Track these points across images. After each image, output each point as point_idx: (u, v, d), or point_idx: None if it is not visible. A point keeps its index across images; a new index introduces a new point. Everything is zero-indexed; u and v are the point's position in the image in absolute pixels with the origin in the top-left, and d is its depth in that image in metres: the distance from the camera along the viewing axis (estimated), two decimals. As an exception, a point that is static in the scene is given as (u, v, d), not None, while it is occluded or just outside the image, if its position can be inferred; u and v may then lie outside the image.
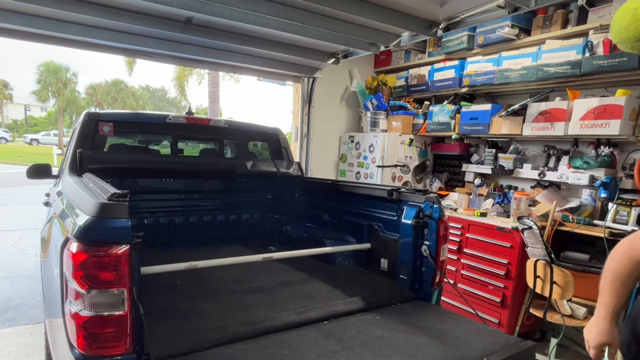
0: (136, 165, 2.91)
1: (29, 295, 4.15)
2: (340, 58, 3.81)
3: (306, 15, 2.75)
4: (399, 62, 5.03)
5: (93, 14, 2.66)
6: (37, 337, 3.20)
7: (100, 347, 1.29)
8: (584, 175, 3.17)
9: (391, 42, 3.24)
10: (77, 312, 1.26)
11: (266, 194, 3.74)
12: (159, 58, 3.68)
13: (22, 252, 5.76)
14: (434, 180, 4.74)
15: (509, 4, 2.38)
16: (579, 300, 2.91)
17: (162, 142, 3.95)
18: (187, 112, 3.31)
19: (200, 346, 1.59)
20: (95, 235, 1.25)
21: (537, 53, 3.41)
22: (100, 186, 1.69)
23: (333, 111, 5.14)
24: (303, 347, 1.62)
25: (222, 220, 3.48)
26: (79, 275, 1.24)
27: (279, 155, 3.62)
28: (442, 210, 2.20)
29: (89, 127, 2.81)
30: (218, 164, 3.36)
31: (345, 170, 5.11)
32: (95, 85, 32.78)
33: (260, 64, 3.80)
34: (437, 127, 4.33)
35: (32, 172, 3.35)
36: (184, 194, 3.36)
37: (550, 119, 3.32)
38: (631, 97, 2.92)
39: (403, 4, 2.68)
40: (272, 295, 2.21)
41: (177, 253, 2.79)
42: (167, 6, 2.50)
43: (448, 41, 4.22)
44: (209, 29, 3.06)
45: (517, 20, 3.59)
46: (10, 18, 2.74)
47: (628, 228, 2.81)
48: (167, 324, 1.76)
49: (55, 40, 3.14)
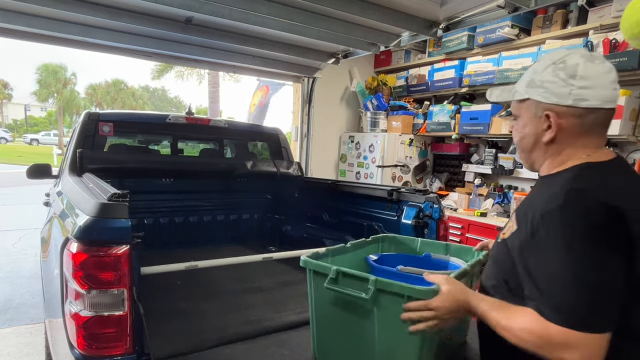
0: (136, 165, 2.91)
1: (29, 295, 4.15)
2: (340, 58, 3.81)
3: (306, 15, 2.75)
4: (399, 62, 5.03)
5: (93, 14, 2.65)
6: (37, 337, 3.20)
7: (100, 347, 1.29)
8: (584, 175, 3.17)
9: (391, 42, 3.24)
10: (77, 312, 1.26)
11: (266, 194, 3.74)
12: (159, 58, 3.68)
13: (22, 252, 5.76)
14: (434, 180, 4.74)
15: (509, 4, 2.38)
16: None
17: (162, 142, 3.95)
18: (187, 112, 3.31)
19: (200, 346, 1.59)
20: (95, 235, 1.25)
21: (537, 53, 3.41)
22: (100, 186, 1.69)
23: (333, 111, 5.14)
24: (303, 347, 1.62)
25: (222, 220, 3.48)
26: (79, 275, 1.24)
27: (279, 156, 3.62)
28: (442, 210, 2.20)
29: (89, 127, 2.81)
30: (218, 164, 3.36)
31: (345, 170, 5.11)
32: (95, 85, 32.79)
33: (260, 64, 3.80)
34: (437, 127, 4.33)
35: (32, 172, 3.35)
36: (184, 194, 3.36)
37: (550, 119, 3.32)
38: (631, 97, 2.92)
39: (403, 4, 2.68)
40: (272, 295, 2.21)
41: (177, 253, 2.79)
42: (167, 6, 2.50)
43: (448, 41, 4.22)
44: (209, 29, 3.05)
45: (517, 20, 3.59)
46: (10, 18, 2.74)
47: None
48: (167, 324, 1.76)
49: (55, 40, 3.14)
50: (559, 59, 1.04)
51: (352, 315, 1.31)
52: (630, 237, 0.90)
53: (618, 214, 0.90)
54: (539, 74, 1.06)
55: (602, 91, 1.00)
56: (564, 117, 1.02)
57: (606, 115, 1.02)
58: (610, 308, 0.88)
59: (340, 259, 1.58)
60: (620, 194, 0.94)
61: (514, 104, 1.14)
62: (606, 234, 0.89)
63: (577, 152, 1.04)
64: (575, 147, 1.04)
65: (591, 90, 1.00)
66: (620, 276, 0.89)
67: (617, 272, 0.89)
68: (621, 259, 0.89)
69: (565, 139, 1.04)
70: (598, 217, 0.89)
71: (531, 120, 1.08)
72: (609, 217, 0.89)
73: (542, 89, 1.04)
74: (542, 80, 1.05)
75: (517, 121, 1.13)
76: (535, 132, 1.08)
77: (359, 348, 1.31)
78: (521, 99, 1.10)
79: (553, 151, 1.07)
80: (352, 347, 1.34)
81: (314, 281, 1.39)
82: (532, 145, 1.10)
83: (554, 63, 1.04)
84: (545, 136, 1.06)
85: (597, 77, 1.00)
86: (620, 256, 0.89)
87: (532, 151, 1.11)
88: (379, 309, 1.23)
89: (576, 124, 1.02)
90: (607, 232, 0.89)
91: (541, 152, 1.09)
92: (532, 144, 1.10)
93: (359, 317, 1.29)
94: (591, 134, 1.03)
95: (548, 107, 1.04)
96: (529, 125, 1.09)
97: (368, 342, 1.28)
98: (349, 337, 1.34)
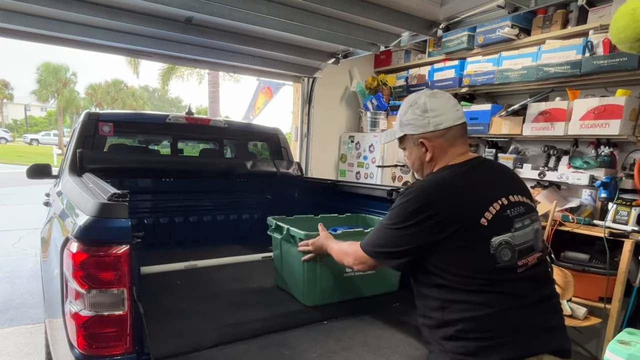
0: (136, 165, 2.91)
1: (29, 295, 4.15)
2: (340, 58, 3.81)
3: (306, 15, 2.75)
4: (399, 62, 5.03)
5: (93, 14, 2.65)
6: (37, 337, 3.20)
7: (100, 347, 1.29)
8: (584, 175, 3.17)
9: (391, 42, 3.24)
10: (77, 312, 1.26)
11: (266, 194, 3.74)
12: (159, 58, 3.68)
13: (22, 252, 5.77)
14: (434, 180, 4.73)
15: (509, 4, 2.38)
16: (579, 300, 2.91)
17: (162, 142, 3.95)
18: (187, 112, 3.31)
19: (200, 346, 1.59)
20: (95, 235, 1.25)
21: (537, 53, 3.41)
22: (100, 186, 1.69)
23: (333, 111, 5.14)
24: (303, 347, 1.63)
25: (222, 220, 3.48)
26: (79, 275, 1.24)
27: (279, 156, 3.62)
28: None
29: (89, 127, 2.81)
30: (218, 164, 3.36)
31: (345, 170, 5.11)
32: (95, 85, 32.83)
33: (260, 64, 3.80)
34: (437, 127, 4.33)
35: (32, 172, 3.35)
36: (184, 194, 3.36)
37: (550, 119, 3.32)
38: (631, 97, 2.92)
39: (403, 4, 2.68)
40: (272, 295, 2.21)
41: (177, 253, 2.78)
42: (167, 6, 2.50)
43: (448, 41, 4.22)
44: (209, 29, 3.06)
45: (517, 20, 3.59)
46: (10, 18, 2.74)
47: (628, 228, 2.81)
48: (167, 324, 1.76)
49: (55, 40, 3.14)
50: (412, 102, 1.44)
51: (286, 253, 2.19)
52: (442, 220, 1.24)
53: (433, 203, 1.27)
54: (403, 116, 1.47)
55: (449, 114, 1.40)
56: (433, 140, 1.41)
57: (461, 129, 1.43)
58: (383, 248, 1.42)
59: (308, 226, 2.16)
60: (449, 180, 1.33)
61: (399, 141, 1.54)
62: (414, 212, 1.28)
63: (448, 161, 1.41)
64: (447, 157, 1.42)
65: (442, 116, 1.39)
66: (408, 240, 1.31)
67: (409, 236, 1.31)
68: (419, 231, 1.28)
69: (439, 154, 1.42)
70: (416, 202, 1.29)
71: (413, 149, 1.48)
72: (424, 204, 1.27)
73: (410, 126, 1.44)
74: (407, 120, 1.45)
75: (406, 152, 1.54)
76: (419, 156, 1.47)
77: (290, 270, 2.18)
78: (400, 137, 1.51)
79: (433, 164, 1.44)
80: (286, 270, 2.22)
81: (273, 234, 2.29)
82: (420, 165, 1.49)
83: (410, 105, 1.44)
84: (426, 156, 1.44)
85: (442, 106, 1.40)
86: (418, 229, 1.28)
87: (421, 169, 1.49)
88: (292, 246, 2.09)
89: (442, 141, 1.41)
90: (417, 211, 1.28)
91: (428, 167, 1.46)
92: (420, 164, 1.48)
93: (287, 253, 2.17)
94: (455, 145, 1.42)
95: (420, 136, 1.43)
96: (413, 153, 1.48)
97: (292, 266, 2.14)
98: (285, 266, 2.22)
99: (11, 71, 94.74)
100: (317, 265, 1.99)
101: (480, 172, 1.39)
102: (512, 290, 1.23)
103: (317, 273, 2.01)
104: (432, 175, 1.41)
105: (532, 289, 1.26)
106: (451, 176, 1.35)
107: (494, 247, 1.22)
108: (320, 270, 2.00)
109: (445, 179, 1.34)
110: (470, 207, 1.27)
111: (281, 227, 2.16)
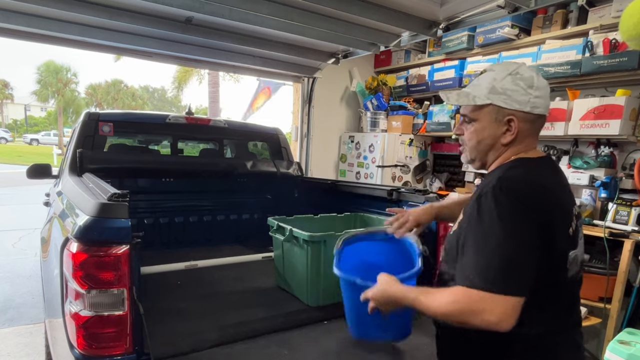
0: (136, 165, 2.91)
1: (29, 295, 4.15)
2: (340, 58, 3.81)
3: (306, 15, 2.75)
4: (399, 62, 5.03)
5: (93, 14, 2.66)
6: (37, 337, 3.20)
7: (100, 347, 1.29)
8: (584, 175, 3.17)
9: (391, 42, 3.24)
10: (77, 312, 1.26)
11: (266, 194, 3.73)
12: (159, 58, 3.68)
13: (22, 252, 5.76)
14: (434, 180, 4.74)
15: (509, 4, 2.38)
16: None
17: (162, 142, 3.95)
18: (187, 112, 3.31)
19: (200, 346, 1.59)
20: (95, 235, 1.25)
21: (537, 53, 3.41)
22: (100, 186, 1.69)
23: (333, 111, 5.14)
24: (303, 347, 1.63)
25: (222, 220, 3.48)
26: (79, 275, 1.24)
27: (279, 156, 3.62)
28: (442, 210, 2.19)
29: (89, 127, 2.81)
30: (218, 164, 3.36)
31: (345, 170, 5.11)
32: (95, 85, 32.81)
33: (260, 64, 3.80)
34: (437, 127, 4.33)
35: (32, 172, 3.35)
36: (184, 194, 3.36)
37: (550, 119, 3.32)
38: (631, 97, 2.92)
39: (403, 4, 2.68)
40: (272, 295, 2.21)
41: (177, 253, 2.79)
42: (167, 6, 2.50)
43: (448, 41, 4.22)
44: (209, 29, 3.06)
45: (517, 20, 3.59)
46: (10, 18, 2.74)
47: (628, 228, 2.81)
48: (167, 324, 1.76)
49: (55, 40, 3.14)
50: (513, 70, 1.15)
51: (288, 253, 2.18)
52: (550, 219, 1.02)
53: (543, 191, 1.05)
54: (498, 82, 1.15)
55: (547, 101, 1.15)
56: (522, 122, 1.14)
57: (544, 121, 1.19)
58: (524, 274, 0.98)
59: (308, 226, 2.18)
60: (546, 181, 1.10)
61: (470, 109, 1.20)
62: (527, 210, 1.00)
63: (519, 151, 1.17)
64: (519, 147, 1.17)
65: (542, 99, 1.14)
66: (536, 244, 1.00)
67: (533, 240, 1.00)
68: (537, 231, 1.00)
69: (519, 141, 1.17)
70: (525, 195, 1.02)
71: (491, 125, 1.17)
72: (536, 195, 1.03)
73: (505, 96, 1.14)
74: (503, 87, 1.14)
75: (473, 125, 1.21)
76: (494, 135, 1.17)
77: (292, 271, 2.18)
78: (481, 104, 1.17)
79: (504, 150, 1.19)
80: (288, 271, 2.22)
81: (275, 235, 2.26)
82: (489, 146, 1.20)
83: (510, 74, 1.14)
84: (504, 138, 1.16)
85: (545, 89, 1.15)
86: (536, 229, 1.00)
87: (489, 152, 1.21)
88: (293, 246, 2.12)
89: (528, 128, 1.16)
90: (529, 208, 1.01)
91: (497, 153, 1.20)
92: (490, 145, 1.19)
93: (290, 253, 2.17)
94: (532, 137, 1.18)
95: (510, 113, 1.14)
96: (489, 129, 1.18)
97: (294, 266, 2.14)
98: (287, 266, 2.21)
99: (11, 71, 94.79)
100: (321, 265, 1.99)
101: (559, 173, 1.21)
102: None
103: (321, 273, 2.01)
104: (525, 169, 1.12)
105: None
106: (549, 175, 1.16)
107: (570, 262, 1.10)
108: (323, 271, 2.00)
109: (544, 177, 1.12)
110: (567, 213, 1.11)
111: (283, 228, 2.15)
